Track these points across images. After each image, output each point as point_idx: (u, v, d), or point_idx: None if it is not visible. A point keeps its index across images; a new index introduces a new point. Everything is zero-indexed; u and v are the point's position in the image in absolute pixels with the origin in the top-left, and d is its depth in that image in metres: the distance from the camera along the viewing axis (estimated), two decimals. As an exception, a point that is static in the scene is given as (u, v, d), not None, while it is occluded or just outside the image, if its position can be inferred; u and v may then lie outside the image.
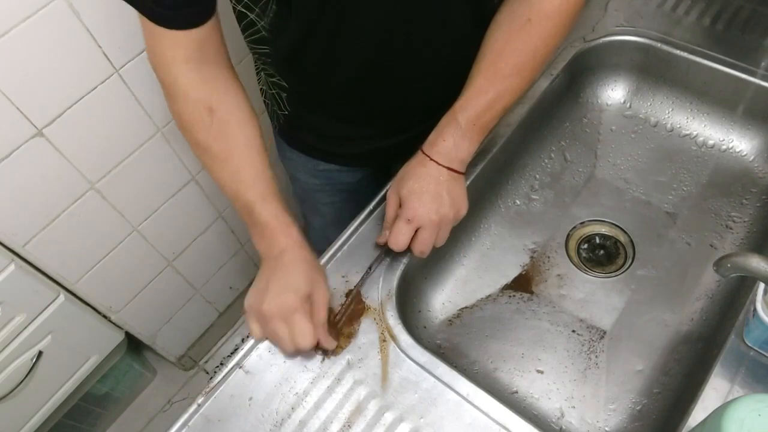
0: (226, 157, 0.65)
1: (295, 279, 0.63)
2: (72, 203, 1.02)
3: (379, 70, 0.70)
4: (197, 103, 0.63)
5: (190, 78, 0.62)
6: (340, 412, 0.61)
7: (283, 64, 0.73)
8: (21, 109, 0.86)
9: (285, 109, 0.82)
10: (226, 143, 0.65)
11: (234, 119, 0.65)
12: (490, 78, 0.67)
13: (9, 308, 1.00)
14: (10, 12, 0.78)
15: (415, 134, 0.81)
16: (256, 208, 0.65)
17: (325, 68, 0.70)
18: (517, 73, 0.68)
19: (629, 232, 0.84)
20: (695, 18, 0.92)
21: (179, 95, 0.63)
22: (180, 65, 0.61)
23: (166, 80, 0.63)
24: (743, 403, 0.44)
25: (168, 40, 0.60)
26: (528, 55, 0.67)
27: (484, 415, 0.59)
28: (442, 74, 0.74)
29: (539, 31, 0.66)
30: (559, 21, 0.66)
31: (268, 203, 0.65)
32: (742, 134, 0.88)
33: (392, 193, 0.69)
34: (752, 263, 0.52)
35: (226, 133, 0.64)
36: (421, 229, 0.67)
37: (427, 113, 0.81)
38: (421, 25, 0.66)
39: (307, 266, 0.65)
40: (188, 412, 0.62)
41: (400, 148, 0.81)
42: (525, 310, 0.79)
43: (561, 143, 0.93)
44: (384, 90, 0.74)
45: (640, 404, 0.70)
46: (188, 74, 0.62)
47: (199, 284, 1.45)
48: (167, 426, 0.61)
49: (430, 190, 0.66)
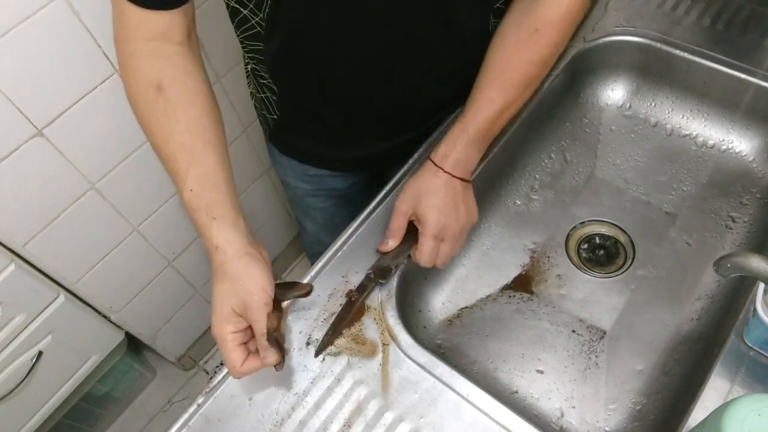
0: (164, 139, 0.59)
1: (219, 300, 0.57)
2: (72, 203, 1.02)
3: (375, 70, 0.69)
4: (146, 77, 0.59)
5: (145, 53, 0.59)
6: (340, 412, 0.61)
7: (276, 62, 0.73)
8: (21, 109, 0.86)
9: (274, 113, 0.82)
10: (168, 124, 0.59)
11: (182, 101, 0.60)
12: (499, 88, 0.67)
13: (9, 308, 1.00)
14: (10, 12, 0.78)
15: (408, 139, 0.81)
16: (186, 204, 0.59)
17: (318, 66, 0.69)
18: (525, 84, 0.68)
19: (629, 232, 0.84)
20: (695, 18, 0.92)
21: (129, 68, 0.60)
22: (140, 42, 0.59)
23: (123, 54, 0.60)
24: (743, 403, 0.44)
25: (135, 17, 0.58)
26: (536, 65, 0.67)
27: (484, 415, 0.59)
28: (438, 76, 0.74)
29: (546, 41, 0.66)
30: (564, 30, 0.66)
31: (196, 200, 0.58)
32: (742, 134, 0.88)
33: (403, 206, 0.68)
34: (752, 263, 0.52)
35: (168, 113, 0.59)
36: (443, 242, 0.67)
37: (419, 117, 0.81)
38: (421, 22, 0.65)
39: (232, 275, 0.57)
40: (188, 412, 0.62)
41: (392, 153, 0.81)
42: (525, 310, 0.79)
43: (561, 143, 0.93)
44: (378, 92, 0.73)
45: (640, 404, 0.70)
46: (145, 50, 0.59)
47: (199, 284, 1.45)
48: (167, 426, 0.61)
49: (449, 203, 0.66)
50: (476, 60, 0.70)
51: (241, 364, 0.56)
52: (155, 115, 0.59)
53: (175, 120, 0.59)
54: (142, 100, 0.60)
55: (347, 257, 0.72)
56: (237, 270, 0.57)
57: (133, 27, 0.59)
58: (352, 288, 0.69)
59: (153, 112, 0.59)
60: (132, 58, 0.60)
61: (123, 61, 0.61)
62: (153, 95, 0.59)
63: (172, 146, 0.59)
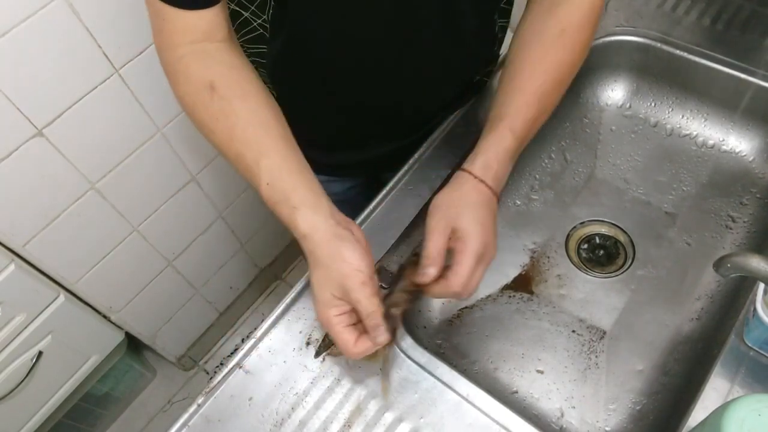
0: (228, 139, 0.58)
1: (318, 287, 0.56)
2: (72, 203, 1.02)
3: (378, 72, 0.69)
4: (198, 79, 0.58)
5: (193, 56, 0.59)
6: (340, 412, 0.61)
7: (278, 64, 0.72)
8: (21, 109, 0.86)
9: None
10: (228, 122, 0.58)
11: (236, 94, 0.59)
12: (532, 94, 0.63)
13: (9, 308, 1.00)
14: (10, 12, 0.78)
15: (407, 143, 0.81)
16: (266, 200, 0.58)
17: (322, 67, 0.69)
18: (557, 89, 0.65)
19: (629, 232, 0.84)
20: (695, 18, 0.92)
21: (180, 74, 0.59)
22: (187, 46, 0.58)
23: (171, 61, 0.59)
24: (743, 403, 0.44)
25: (178, 21, 0.57)
26: (567, 67, 0.65)
27: (484, 415, 0.59)
28: (441, 76, 0.74)
29: (573, 43, 0.64)
30: (590, 30, 0.64)
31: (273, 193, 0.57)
32: (742, 134, 0.88)
33: (440, 223, 0.59)
34: (752, 263, 0.52)
35: (226, 112, 0.58)
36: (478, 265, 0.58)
37: (421, 119, 0.81)
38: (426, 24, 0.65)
39: (324, 260, 0.55)
40: (188, 412, 0.62)
41: (392, 156, 0.81)
42: (525, 310, 0.79)
43: (561, 143, 0.93)
44: (381, 93, 0.73)
45: (640, 404, 0.70)
46: (192, 53, 0.59)
47: (199, 284, 1.45)
48: (167, 426, 0.61)
49: (490, 221, 0.59)
50: (477, 59, 0.70)
51: (353, 343, 0.55)
52: (214, 117, 0.58)
53: (235, 117, 0.57)
54: (199, 105, 0.59)
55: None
56: (327, 255, 0.55)
57: (178, 32, 0.58)
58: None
59: (211, 115, 0.58)
60: (180, 62, 0.59)
61: (171, 67, 0.60)
62: (208, 97, 0.58)
63: (236, 144, 0.58)
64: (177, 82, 0.59)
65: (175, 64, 0.59)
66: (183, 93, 0.60)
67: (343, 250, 0.54)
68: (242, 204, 1.41)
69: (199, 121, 0.60)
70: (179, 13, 0.56)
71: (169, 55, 0.59)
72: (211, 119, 0.58)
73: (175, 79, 0.60)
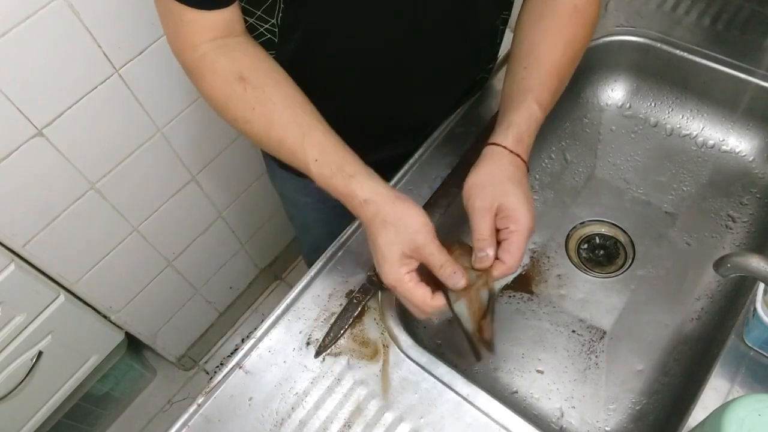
0: (267, 125, 0.58)
1: (386, 247, 0.55)
2: (72, 203, 1.02)
3: (388, 75, 0.69)
4: (226, 72, 0.58)
5: (217, 51, 0.59)
6: (340, 412, 0.61)
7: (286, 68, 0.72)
8: (21, 109, 0.86)
9: None
10: (265, 109, 0.58)
11: (267, 83, 0.59)
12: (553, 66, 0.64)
13: (9, 308, 1.00)
14: (10, 12, 0.78)
15: (412, 147, 0.81)
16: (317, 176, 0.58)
17: (330, 73, 0.68)
18: (572, 64, 0.66)
19: (629, 232, 0.84)
20: (695, 18, 0.92)
21: (207, 70, 0.59)
22: (207, 44, 0.58)
23: (193, 60, 0.59)
24: (743, 403, 0.44)
25: (197, 22, 0.57)
26: (579, 44, 0.65)
27: (484, 415, 0.59)
28: (451, 75, 0.73)
29: (585, 19, 0.65)
30: (597, 7, 0.66)
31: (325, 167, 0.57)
32: (742, 134, 0.88)
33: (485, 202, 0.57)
34: (752, 263, 0.52)
35: (261, 99, 0.58)
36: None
37: (425, 124, 0.80)
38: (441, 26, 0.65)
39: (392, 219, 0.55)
40: (188, 412, 0.62)
41: (394, 162, 0.80)
42: (525, 310, 0.79)
43: (561, 143, 0.93)
44: (391, 94, 0.72)
45: (640, 404, 0.70)
46: (215, 49, 0.59)
47: (199, 284, 1.45)
48: (167, 426, 0.61)
49: (530, 195, 0.59)
50: (482, 57, 0.69)
51: (431, 297, 0.55)
52: (249, 106, 0.58)
53: (271, 103, 0.58)
54: (232, 98, 0.59)
55: (347, 257, 0.72)
56: (395, 213, 0.55)
57: (198, 32, 0.58)
58: (352, 288, 0.69)
59: (246, 104, 0.58)
60: (204, 59, 0.59)
61: (194, 67, 0.60)
62: (240, 88, 0.58)
63: (277, 128, 0.58)
64: (203, 78, 0.60)
65: (199, 62, 0.59)
66: (211, 88, 0.60)
67: (410, 207, 0.56)
68: (242, 204, 1.41)
69: (232, 113, 0.60)
70: (200, 13, 0.57)
71: (190, 54, 0.59)
72: (247, 109, 0.58)
73: (201, 75, 0.60)
